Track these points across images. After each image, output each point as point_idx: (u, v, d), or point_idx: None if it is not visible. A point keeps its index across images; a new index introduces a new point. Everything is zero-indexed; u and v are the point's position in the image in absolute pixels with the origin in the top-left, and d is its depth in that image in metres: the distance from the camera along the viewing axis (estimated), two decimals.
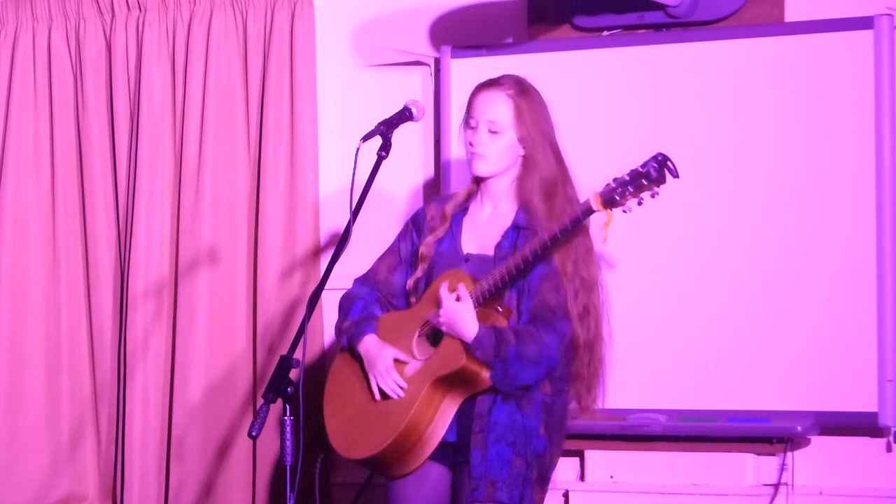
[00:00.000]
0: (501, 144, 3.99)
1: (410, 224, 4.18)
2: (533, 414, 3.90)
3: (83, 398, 5.82)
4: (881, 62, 4.77)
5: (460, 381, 3.88)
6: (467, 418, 3.92)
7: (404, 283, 4.13)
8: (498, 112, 3.99)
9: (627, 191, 3.76)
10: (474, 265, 3.97)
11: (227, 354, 5.60)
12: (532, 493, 3.89)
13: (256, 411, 3.85)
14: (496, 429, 3.87)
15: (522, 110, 3.99)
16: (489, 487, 3.85)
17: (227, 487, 5.57)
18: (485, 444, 3.87)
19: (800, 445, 4.92)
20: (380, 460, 3.95)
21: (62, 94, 5.91)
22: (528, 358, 3.82)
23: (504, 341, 3.82)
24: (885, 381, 4.74)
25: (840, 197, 4.83)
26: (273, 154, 5.58)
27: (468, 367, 3.85)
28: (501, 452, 3.86)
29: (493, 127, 3.98)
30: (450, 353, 3.87)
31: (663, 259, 5.00)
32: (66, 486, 5.83)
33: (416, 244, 4.13)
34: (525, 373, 3.83)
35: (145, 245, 5.72)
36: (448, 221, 4.07)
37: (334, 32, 5.63)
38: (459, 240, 4.04)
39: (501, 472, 3.85)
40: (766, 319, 4.88)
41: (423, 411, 3.89)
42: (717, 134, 4.97)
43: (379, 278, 4.16)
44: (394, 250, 4.19)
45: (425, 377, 3.90)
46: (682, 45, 5.03)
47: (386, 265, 4.17)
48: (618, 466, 5.07)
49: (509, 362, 3.81)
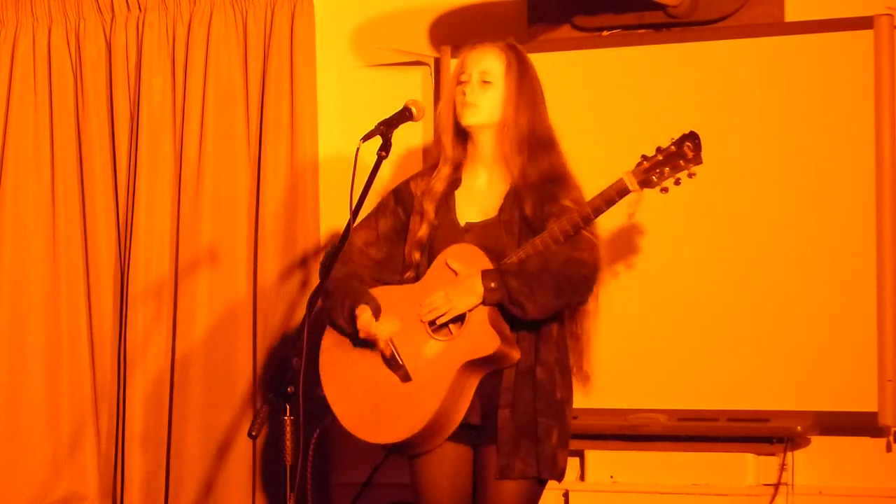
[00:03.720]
0: (492, 96, 4.00)
1: (391, 200, 4.14)
2: (549, 379, 3.90)
3: (83, 398, 5.82)
4: (881, 62, 4.77)
5: (489, 362, 3.87)
6: (488, 397, 3.91)
7: (380, 259, 4.10)
8: (490, 63, 4.01)
9: (664, 171, 3.76)
10: (477, 234, 3.96)
11: (226, 354, 5.60)
12: (562, 458, 3.92)
13: (256, 411, 3.84)
14: (522, 402, 3.88)
15: (513, 64, 4.00)
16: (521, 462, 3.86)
17: (227, 487, 5.57)
18: (515, 420, 3.87)
19: (800, 445, 4.92)
20: (406, 442, 3.94)
21: (62, 94, 5.91)
22: (539, 270, 3.82)
23: (506, 272, 3.82)
24: (884, 381, 4.75)
25: (840, 197, 4.83)
26: (273, 154, 5.58)
27: (502, 350, 3.84)
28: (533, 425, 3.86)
29: (485, 77, 4.00)
30: (481, 336, 3.85)
31: (663, 259, 5.00)
32: (66, 486, 5.83)
33: (400, 220, 4.11)
34: (546, 286, 3.81)
35: (145, 245, 5.72)
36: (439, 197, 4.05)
37: (334, 32, 5.63)
38: (455, 212, 4.03)
39: (541, 447, 3.86)
40: (767, 319, 4.88)
41: (453, 394, 3.86)
42: (717, 134, 4.96)
43: (353, 249, 4.10)
44: (369, 224, 4.13)
45: (455, 360, 3.86)
46: (682, 45, 5.03)
47: (361, 238, 4.12)
48: (618, 466, 5.07)
49: (523, 276, 3.80)
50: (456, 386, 3.87)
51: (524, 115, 3.99)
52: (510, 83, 4.00)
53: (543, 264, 3.84)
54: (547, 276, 3.83)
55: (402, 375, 3.94)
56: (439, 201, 4.04)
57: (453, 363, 3.86)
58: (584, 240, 3.87)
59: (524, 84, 4.01)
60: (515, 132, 3.98)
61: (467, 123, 4.02)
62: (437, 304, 3.89)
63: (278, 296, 5.55)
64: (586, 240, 3.88)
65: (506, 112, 3.99)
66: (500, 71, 4.01)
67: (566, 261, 3.85)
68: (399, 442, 3.93)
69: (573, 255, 3.85)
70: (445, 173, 4.07)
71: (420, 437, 3.90)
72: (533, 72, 4.06)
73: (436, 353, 3.90)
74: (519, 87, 4.00)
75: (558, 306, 3.87)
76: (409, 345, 3.94)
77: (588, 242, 3.88)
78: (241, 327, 5.60)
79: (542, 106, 4.05)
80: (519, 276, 3.82)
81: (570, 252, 3.85)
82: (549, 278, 3.83)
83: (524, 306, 3.82)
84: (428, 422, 3.87)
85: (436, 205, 4.04)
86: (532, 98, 4.01)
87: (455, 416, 3.90)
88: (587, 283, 3.88)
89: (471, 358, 3.85)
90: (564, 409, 3.94)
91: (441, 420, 3.88)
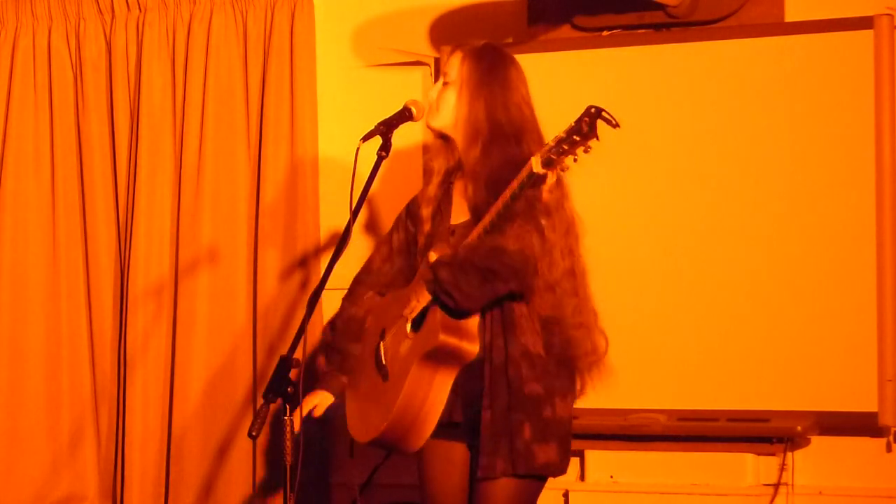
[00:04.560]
0: (450, 96, 3.99)
1: (404, 213, 4.18)
2: (517, 375, 3.87)
3: (83, 398, 5.82)
4: (881, 62, 4.77)
5: (445, 356, 3.87)
6: (470, 395, 3.91)
7: (395, 273, 4.14)
8: (451, 64, 4.01)
9: (561, 149, 3.70)
10: (459, 235, 3.96)
11: (227, 354, 5.60)
12: (542, 452, 3.88)
13: (256, 411, 3.85)
14: (499, 401, 3.86)
15: (468, 61, 3.98)
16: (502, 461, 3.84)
17: (227, 487, 5.57)
18: (494, 419, 3.85)
19: (800, 445, 4.92)
20: (385, 440, 3.95)
21: (62, 94, 5.91)
22: (464, 259, 3.81)
23: (439, 262, 3.83)
24: (884, 381, 4.74)
25: (840, 197, 4.83)
26: (273, 154, 5.58)
27: (446, 342, 3.84)
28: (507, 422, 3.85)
29: (445, 78, 4.02)
30: (429, 329, 3.86)
31: (663, 259, 5.00)
32: (66, 486, 5.83)
33: (410, 232, 4.13)
34: (470, 275, 3.79)
35: (145, 245, 5.72)
36: (434, 204, 4.06)
37: (334, 32, 5.63)
38: (449, 216, 4.04)
39: (514, 442, 3.84)
40: (767, 319, 4.88)
41: (414, 389, 3.86)
42: (717, 134, 4.97)
43: (372, 269, 4.18)
44: (386, 240, 4.20)
45: (412, 355, 3.89)
46: (682, 45, 5.03)
47: (380, 255, 4.19)
48: (618, 466, 5.07)
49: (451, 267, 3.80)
50: (417, 382, 3.86)
51: (480, 106, 3.96)
52: (464, 78, 3.98)
53: (471, 254, 3.82)
54: (471, 267, 3.80)
55: (384, 375, 3.97)
56: (434, 208, 4.05)
57: (412, 357, 3.88)
58: (513, 227, 3.81)
59: (483, 76, 3.97)
60: (468, 126, 3.97)
61: (432, 126, 4.04)
62: (411, 299, 3.92)
63: (278, 296, 5.55)
64: (515, 227, 3.81)
65: (459, 107, 3.99)
66: (457, 70, 4.01)
67: (490, 250, 3.80)
68: (374, 440, 3.94)
69: (497, 244, 3.80)
70: (436, 181, 4.09)
71: (391, 433, 3.90)
72: (501, 65, 4.01)
73: (406, 351, 3.93)
74: (474, 80, 3.98)
75: (486, 295, 3.82)
76: (394, 345, 3.98)
77: (516, 230, 3.81)
78: (240, 327, 5.60)
79: (510, 97, 3.99)
80: (449, 267, 3.82)
81: (495, 240, 3.81)
82: (473, 268, 3.80)
83: (452, 295, 3.81)
84: (392, 419, 3.87)
85: (431, 212, 4.05)
86: (495, 89, 3.97)
87: (426, 413, 3.89)
88: (512, 271, 3.80)
89: (422, 352, 3.86)
90: (542, 402, 3.87)
91: (408, 416, 3.88)
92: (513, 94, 4.00)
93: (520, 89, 4.02)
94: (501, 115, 3.97)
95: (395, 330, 3.99)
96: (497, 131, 3.95)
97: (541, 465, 3.87)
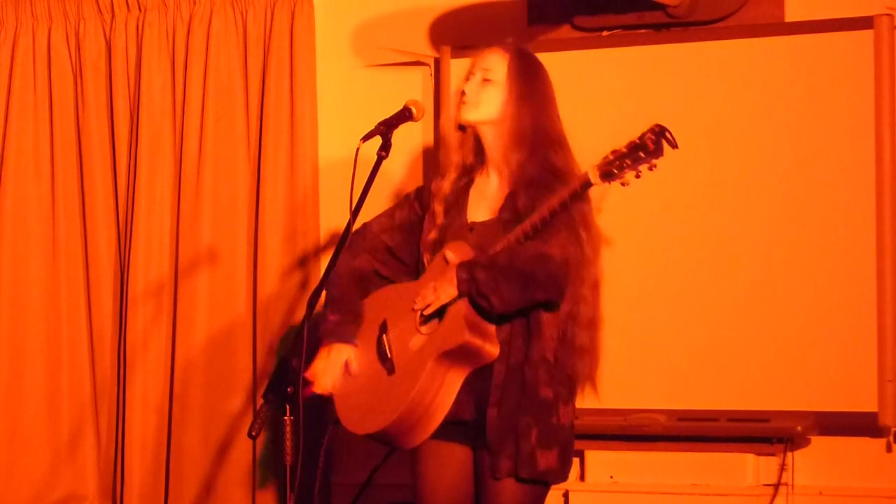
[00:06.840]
0: (491, 93, 3.98)
1: (413, 195, 4.17)
2: (535, 377, 3.87)
3: (83, 398, 5.82)
4: (881, 62, 4.78)
5: (464, 356, 3.87)
6: (482, 393, 3.91)
7: (392, 246, 4.13)
8: (493, 61, 4.00)
9: (625, 164, 3.73)
10: (479, 233, 3.96)
11: (226, 354, 5.60)
12: (544, 458, 3.88)
13: (256, 411, 3.85)
14: (509, 400, 3.86)
15: (517, 62, 3.99)
16: (507, 461, 3.84)
17: (227, 487, 5.57)
18: (501, 418, 3.86)
19: (800, 445, 4.93)
20: (387, 435, 3.94)
21: (62, 94, 5.91)
22: (506, 264, 3.79)
23: (476, 263, 3.81)
24: (884, 381, 4.75)
25: (840, 197, 4.83)
26: (273, 154, 5.58)
27: (470, 342, 3.83)
28: (514, 424, 3.85)
29: (486, 75, 3.99)
30: (453, 327, 3.85)
31: (663, 258, 5.00)
32: (66, 486, 5.83)
33: (416, 214, 4.12)
34: (511, 280, 3.78)
35: (145, 245, 5.72)
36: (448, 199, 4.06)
37: (334, 32, 5.63)
38: (465, 211, 4.04)
39: (520, 445, 3.84)
40: (766, 319, 4.88)
41: (428, 385, 3.86)
42: (717, 133, 4.97)
43: (368, 233, 4.14)
44: (388, 214, 4.17)
45: (430, 351, 3.87)
46: (682, 45, 5.03)
47: (378, 224, 4.16)
48: (618, 466, 5.07)
49: (491, 270, 3.79)
50: (431, 378, 3.86)
51: (527, 111, 3.97)
52: (512, 79, 3.98)
53: (513, 258, 3.82)
54: (513, 271, 3.80)
55: (389, 368, 3.96)
56: (449, 203, 4.05)
57: (428, 355, 3.87)
58: (558, 235, 3.83)
59: (529, 81, 3.99)
60: (515, 127, 3.96)
61: (464, 119, 4.01)
62: (426, 294, 3.90)
63: (278, 296, 5.55)
64: (560, 235, 3.83)
65: (506, 107, 3.98)
66: (503, 68, 4.00)
67: (533, 256, 3.80)
68: (376, 433, 3.93)
69: (542, 251, 3.81)
70: (452, 177, 4.08)
71: (396, 428, 3.90)
72: (542, 73, 4.04)
73: (418, 346, 3.91)
74: (522, 84, 3.99)
75: (524, 301, 3.82)
76: (401, 338, 3.96)
77: (561, 238, 3.83)
78: (240, 327, 5.60)
79: (551, 107, 4.03)
80: (488, 269, 3.80)
81: (540, 247, 3.81)
82: (515, 273, 3.80)
83: (489, 299, 3.80)
84: (401, 413, 3.86)
85: (444, 206, 4.05)
86: (539, 97, 4.00)
87: (435, 410, 3.89)
88: (553, 281, 3.81)
89: (442, 349, 3.86)
90: (551, 408, 3.88)
91: (417, 412, 3.87)
92: (555, 104, 4.04)
93: (555, 99, 4.06)
94: (547, 123, 3.99)
95: (402, 323, 3.97)
96: (543, 138, 3.97)
97: (541, 470, 3.88)
